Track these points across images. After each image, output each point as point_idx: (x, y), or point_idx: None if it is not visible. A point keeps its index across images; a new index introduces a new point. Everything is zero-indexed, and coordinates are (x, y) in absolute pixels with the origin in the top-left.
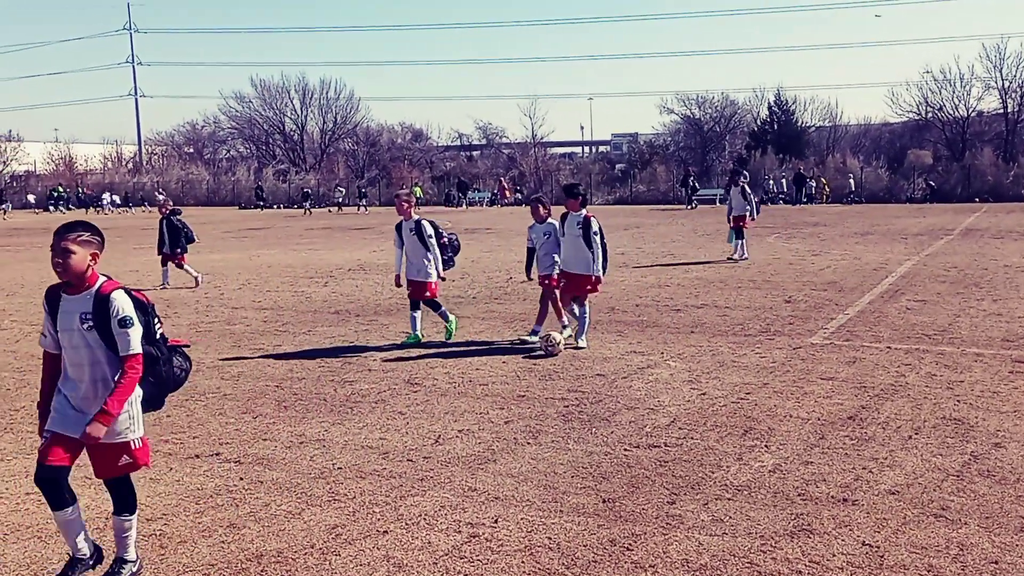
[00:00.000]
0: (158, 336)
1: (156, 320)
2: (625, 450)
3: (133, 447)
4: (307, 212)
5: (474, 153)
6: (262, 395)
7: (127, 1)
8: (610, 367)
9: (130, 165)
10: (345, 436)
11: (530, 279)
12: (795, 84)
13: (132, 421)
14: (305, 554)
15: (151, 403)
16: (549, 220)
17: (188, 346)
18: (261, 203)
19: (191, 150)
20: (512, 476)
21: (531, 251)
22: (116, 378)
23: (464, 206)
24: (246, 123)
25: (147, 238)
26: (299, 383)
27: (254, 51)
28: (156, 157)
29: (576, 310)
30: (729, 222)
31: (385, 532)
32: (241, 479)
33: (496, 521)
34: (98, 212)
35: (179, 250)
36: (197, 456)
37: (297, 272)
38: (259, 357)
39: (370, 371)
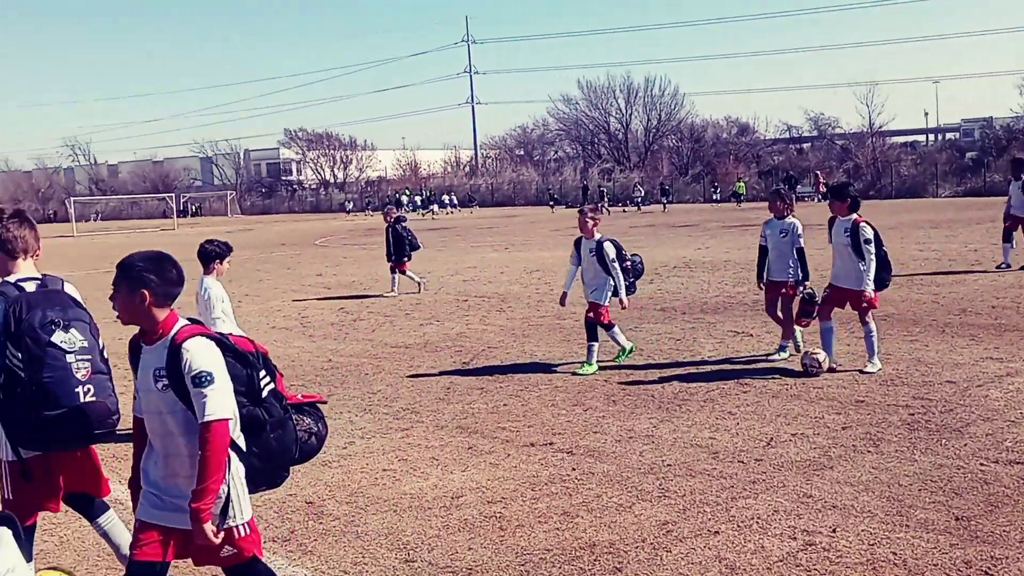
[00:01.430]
0: (265, 393)
1: (264, 373)
2: (981, 465)
3: (237, 535)
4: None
5: (804, 145)
6: (591, 388)
7: (465, 15)
8: (962, 374)
9: (467, 168)
10: (674, 433)
11: (761, 287)
12: None
13: (232, 504)
14: (636, 547)
15: (260, 480)
16: (789, 218)
17: (323, 402)
18: (553, 202)
19: (521, 152)
20: (851, 484)
21: (762, 251)
22: (200, 456)
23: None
24: (573, 124)
25: (483, 236)
26: (627, 378)
27: (581, 54)
28: (490, 160)
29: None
30: (1005, 221)
31: (716, 532)
32: (573, 469)
33: (834, 530)
34: (434, 215)
35: (404, 258)
36: (532, 444)
37: None
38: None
39: (698, 369)
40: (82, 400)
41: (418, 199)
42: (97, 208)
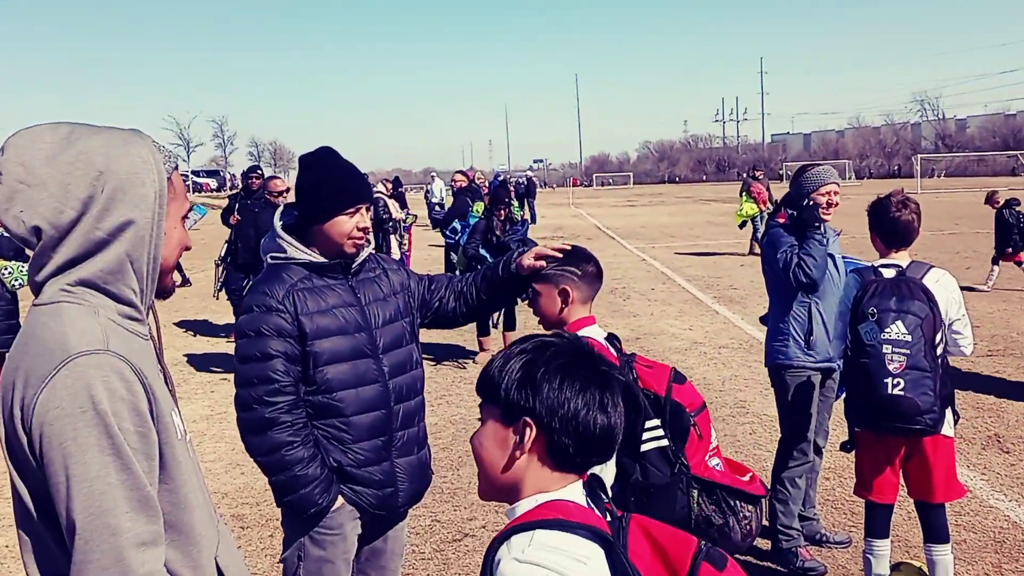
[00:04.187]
0: (646, 448)
1: (657, 423)
2: None
3: None
4: None
5: None
6: None
7: None
8: None
9: None
10: None
11: None
12: None
13: None
14: None
15: None
16: None
17: (761, 495)
18: None
19: None
20: None
21: None
22: None
23: None
24: None
25: None
26: None
27: None
28: None
29: None
30: None
31: None
32: None
33: None
34: None
35: (1008, 248)
36: None
37: None
38: None
39: None
40: (889, 391)
41: None
42: (942, 164)
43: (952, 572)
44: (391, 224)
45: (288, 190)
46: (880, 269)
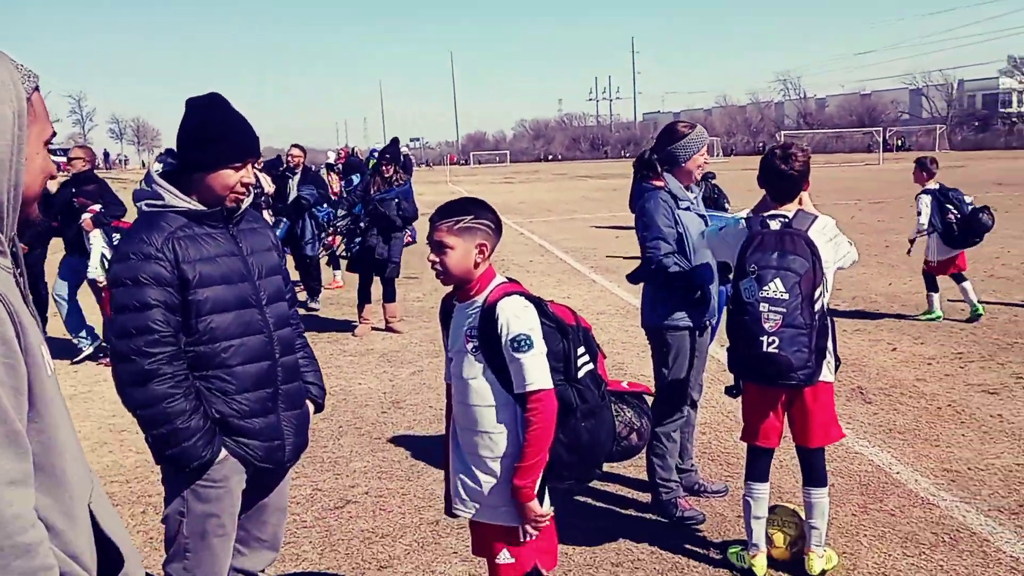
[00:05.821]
0: (581, 374)
1: (583, 350)
2: None
3: (518, 538)
4: None
5: None
6: None
7: None
8: None
9: None
10: None
11: None
12: None
13: None
14: None
15: (566, 474)
16: None
17: (651, 394)
18: None
19: None
20: None
21: None
22: (523, 430)
23: None
24: None
25: None
26: None
27: None
28: None
29: None
30: None
31: None
32: None
33: None
34: None
35: None
36: None
37: None
38: None
39: None
40: (764, 349)
41: None
42: (804, 141)
43: (828, 513)
44: (263, 199)
45: (72, 161)
46: (768, 220)
